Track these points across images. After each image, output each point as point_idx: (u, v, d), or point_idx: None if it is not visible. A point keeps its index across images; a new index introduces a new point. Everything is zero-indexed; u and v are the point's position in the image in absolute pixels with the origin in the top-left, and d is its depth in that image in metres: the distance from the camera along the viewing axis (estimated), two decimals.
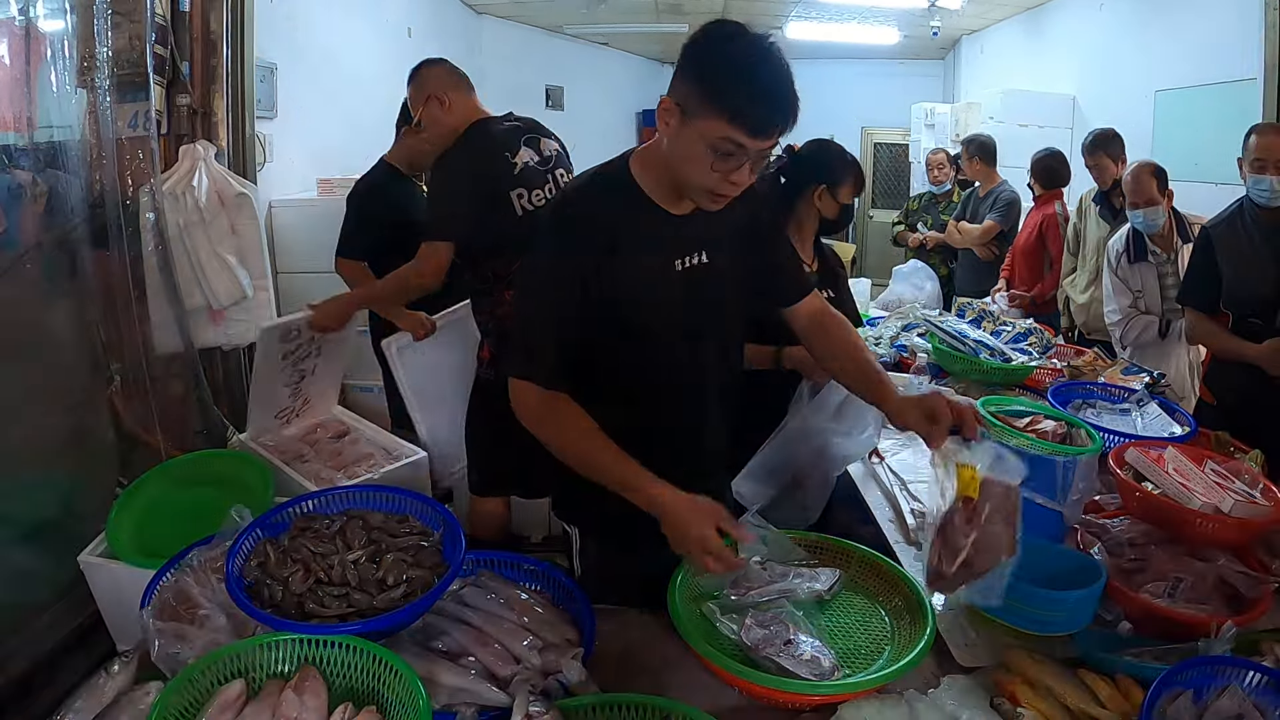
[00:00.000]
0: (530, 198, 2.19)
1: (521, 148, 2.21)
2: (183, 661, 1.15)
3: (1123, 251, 3.05)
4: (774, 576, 1.37)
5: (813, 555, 1.45)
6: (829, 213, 2.10)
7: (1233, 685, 1.09)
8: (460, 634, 1.24)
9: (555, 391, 1.33)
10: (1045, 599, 1.26)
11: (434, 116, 2.25)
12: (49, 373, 2.26)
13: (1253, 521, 1.43)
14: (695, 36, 1.24)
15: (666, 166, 1.30)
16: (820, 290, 1.98)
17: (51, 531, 2.16)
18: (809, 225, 2.13)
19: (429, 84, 2.27)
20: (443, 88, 2.24)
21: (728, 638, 1.25)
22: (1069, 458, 1.51)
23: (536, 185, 2.20)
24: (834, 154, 2.13)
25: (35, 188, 2.22)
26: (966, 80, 8.22)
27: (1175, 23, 4.76)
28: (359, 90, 5.29)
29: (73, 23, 2.29)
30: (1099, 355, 2.85)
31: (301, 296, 3.53)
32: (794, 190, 2.09)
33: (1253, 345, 2.27)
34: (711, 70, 1.19)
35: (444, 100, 2.23)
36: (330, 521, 1.39)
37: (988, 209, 4.29)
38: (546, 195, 2.21)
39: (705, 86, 1.19)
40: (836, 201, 2.09)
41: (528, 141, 2.23)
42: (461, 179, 2.15)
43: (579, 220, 1.34)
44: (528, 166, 2.20)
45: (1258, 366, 2.24)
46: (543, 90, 8.61)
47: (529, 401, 1.34)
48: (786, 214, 2.09)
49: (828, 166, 2.08)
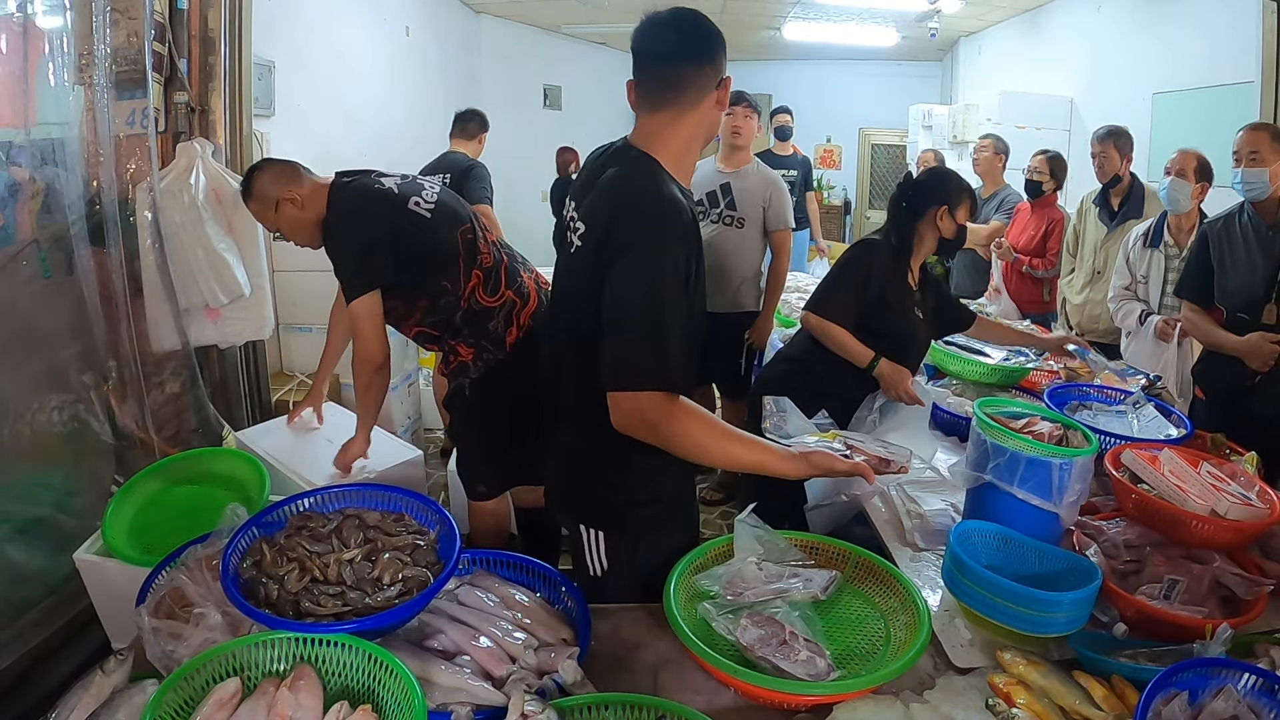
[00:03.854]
0: (424, 197, 2.20)
1: (381, 180, 2.20)
2: (178, 659, 1.15)
3: (1141, 235, 3.10)
4: (770, 577, 1.37)
5: (809, 556, 1.45)
6: (948, 233, 2.27)
7: (1228, 687, 1.09)
8: (456, 633, 1.24)
9: (678, 394, 1.28)
10: (1041, 600, 1.26)
11: (292, 216, 2.16)
12: (45, 370, 2.26)
13: (1248, 524, 1.43)
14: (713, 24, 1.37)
15: (701, 142, 1.41)
16: (924, 300, 2.34)
17: (47, 529, 2.16)
18: (929, 244, 2.31)
19: (270, 190, 2.15)
20: (284, 186, 2.15)
21: (724, 638, 1.25)
22: (1065, 459, 1.51)
23: (416, 192, 2.20)
24: (951, 179, 2.33)
25: (32, 185, 2.22)
26: (964, 82, 8.23)
27: (1173, 25, 4.78)
28: (357, 88, 5.29)
29: (71, 20, 2.28)
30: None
31: (299, 295, 3.54)
32: (917, 212, 2.27)
33: (1234, 337, 2.39)
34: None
35: (294, 198, 2.14)
36: (326, 520, 1.38)
37: (993, 210, 4.30)
38: (435, 192, 2.23)
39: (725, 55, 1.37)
40: (955, 221, 2.27)
41: (378, 175, 2.23)
42: (351, 232, 2.11)
43: (675, 209, 1.31)
44: (399, 185, 2.21)
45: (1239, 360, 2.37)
46: (540, 89, 8.62)
47: (653, 410, 1.26)
48: (909, 233, 2.28)
49: (946, 190, 2.26)
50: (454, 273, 2.20)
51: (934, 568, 1.60)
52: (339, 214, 2.14)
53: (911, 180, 2.34)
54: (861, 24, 7.47)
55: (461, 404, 2.38)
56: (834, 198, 10.06)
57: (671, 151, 1.38)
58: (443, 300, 2.21)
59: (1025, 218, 4.02)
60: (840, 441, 1.45)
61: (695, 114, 1.37)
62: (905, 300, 2.28)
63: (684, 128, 1.38)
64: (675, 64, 1.35)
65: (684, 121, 1.37)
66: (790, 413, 1.63)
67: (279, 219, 2.18)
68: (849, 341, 2.23)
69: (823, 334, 2.27)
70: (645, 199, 1.30)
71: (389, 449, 2.41)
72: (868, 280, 2.24)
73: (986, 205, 4.34)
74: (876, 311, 2.24)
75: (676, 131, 1.38)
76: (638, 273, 1.27)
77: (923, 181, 2.33)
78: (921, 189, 2.29)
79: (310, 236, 2.21)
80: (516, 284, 2.29)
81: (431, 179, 2.31)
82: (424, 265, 2.17)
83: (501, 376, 2.27)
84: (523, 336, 2.27)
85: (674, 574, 1.33)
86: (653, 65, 1.36)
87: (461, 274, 2.20)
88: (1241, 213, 2.46)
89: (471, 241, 2.23)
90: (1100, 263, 3.43)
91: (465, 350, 2.26)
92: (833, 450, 1.40)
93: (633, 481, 1.46)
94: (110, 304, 2.42)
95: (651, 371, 1.26)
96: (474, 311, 2.23)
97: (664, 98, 1.36)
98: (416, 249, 2.15)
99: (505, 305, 2.26)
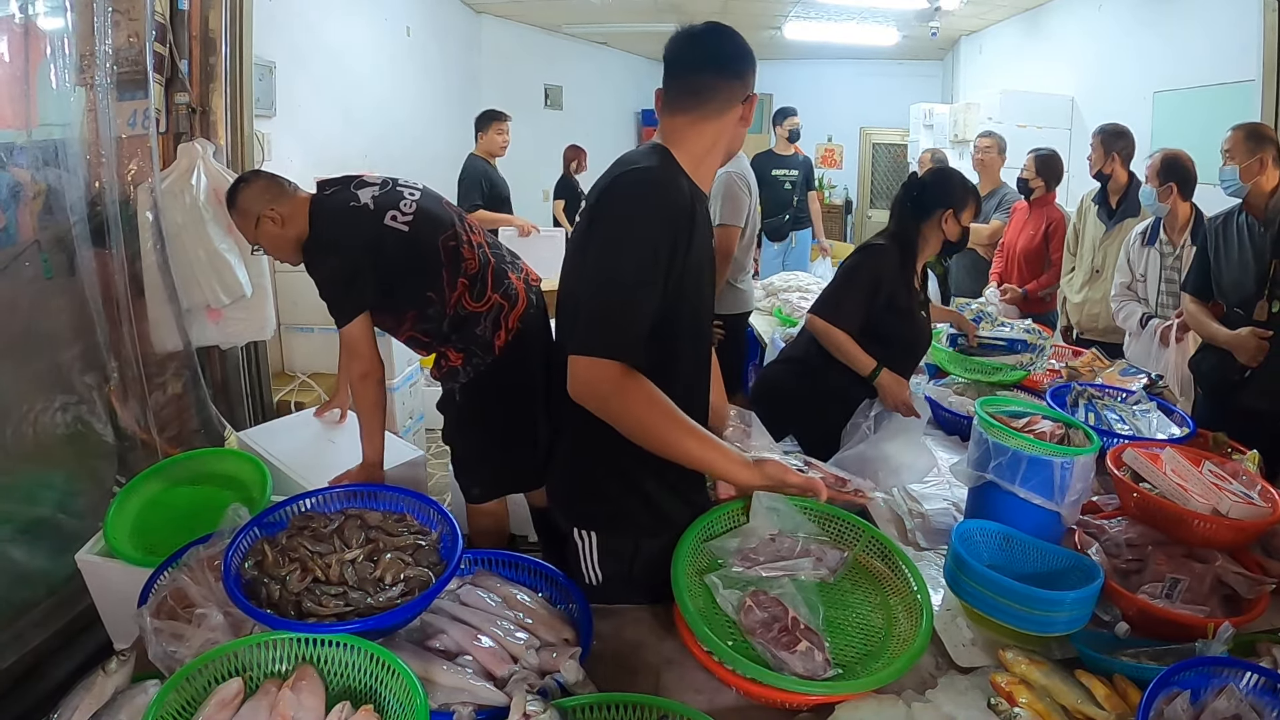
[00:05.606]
0: (402, 209, 2.18)
1: (356, 193, 2.19)
2: (180, 660, 1.15)
3: (1140, 233, 3.13)
4: (782, 552, 1.36)
5: (822, 530, 1.44)
6: (952, 235, 2.27)
7: (1230, 686, 1.09)
8: (457, 633, 1.24)
9: (635, 369, 1.26)
10: (1043, 599, 1.26)
11: (272, 234, 2.16)
12: (47, 371, 2.26)
13: (1250, 523, 1.44)
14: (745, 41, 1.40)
15: (725, 150, 1.43)
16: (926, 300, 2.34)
17: (48, 529, 2.17)
18: (933, 245, 2.31)
19: (252, 204, 2.15)
20: (266, 203, 2.14)
21: (726, 615, 1.25)
22: (1067, 459, 1.51)
23: (394, 205, 2.18)
24: (956, 181, 2.32)
25: (34, 186, 2.22)
26: (965, 81, 8.23)
27: (1174, 24, 4.77)
28: (358, 89, 5.29)
29: (72, 21, 2.29)
30: (1097, 356, 2.86)
31: (300, 295, 3.55)
32: (922, 215, 2.27)
33: (1226, 331, 2.45)
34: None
35: (275, 216, 2.14)
36: (328, 520, 1.38)
37: (993, 209, 4.29)
38: (414, 200, 2.20)
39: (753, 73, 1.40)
40: (959, 224, 2.27)
41: (356, 186, 2.20)
42: (329, 260, 2.10)
43: (664, 190, 1.31)
44: (375, 198, 2.18)
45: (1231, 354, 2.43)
46: (541, 89, 8.62)
47: (605, 379, 1.24)
48: (914, 236, 2.27)
49: (951, 192, 2.26)
50: (438, 282, 2.18)
51: (936, 567, 1.59)
52: (318, 240, 2.13)
53: (917, 181, 2.32)
54: (862, 23, 7.46)
55: (453, 408, 2.38)
56: (835, 197, 10.06)
57: (689, 152, 1.39)
58: (430, 310, 2.20)
59: (1023, 217, 4.00)
60: (799, 459, 1.45)
61: (717, 123, 1.38)
62: (912, 304, 2.28)
63: (705, 133, 1.38)
64: (700, 72, 1.37)
65: (705, 127, 1.38)
66: (755, 429, 1.61)
67: (259, 234, 2.18)
68: (852, 349, 2.23)
69: (826, 338, 2.27)
70: (638, 172, 1.32)
71: (390, 449, 2.41)
72: (877, 287, 2.23)
73: (986, 203, 4.34)
74: (885, 318, 2.23)
75: (697, 134, 1.38)
76: (614, 240, 1.28)
77: (928, 184, 2.31)
78: (927, 191, 2.28)
79: (290, 254, 2.20)
80: (503, 287, 2.27)
81: (412, 184, 2.28)
82: (405, 279, 2.16)
83: (491, 380, 2.25)
84: (512, 339, 2.25)
85: (685, 540, 1.34)
86: (679, 72, 1.38)
87: (446, 282, 2.19)
88: (1239, 211, 2.51)
89: (454, 248, 2.20)
90: (1099, 261, 3.43)
91: (454, 355, 2.24)
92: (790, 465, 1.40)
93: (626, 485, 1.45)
94: (112, 305, 2.43)
95: (610, 340, 1.24)
96: (461, 318, 2.22)
97: (686, 103, 1.38)
98: (395, 264, 2.13)
99: (492, 309, 2.24)
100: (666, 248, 1.27)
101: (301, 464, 2.30)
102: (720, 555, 1.36)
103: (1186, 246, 2.94)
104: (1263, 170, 2.43)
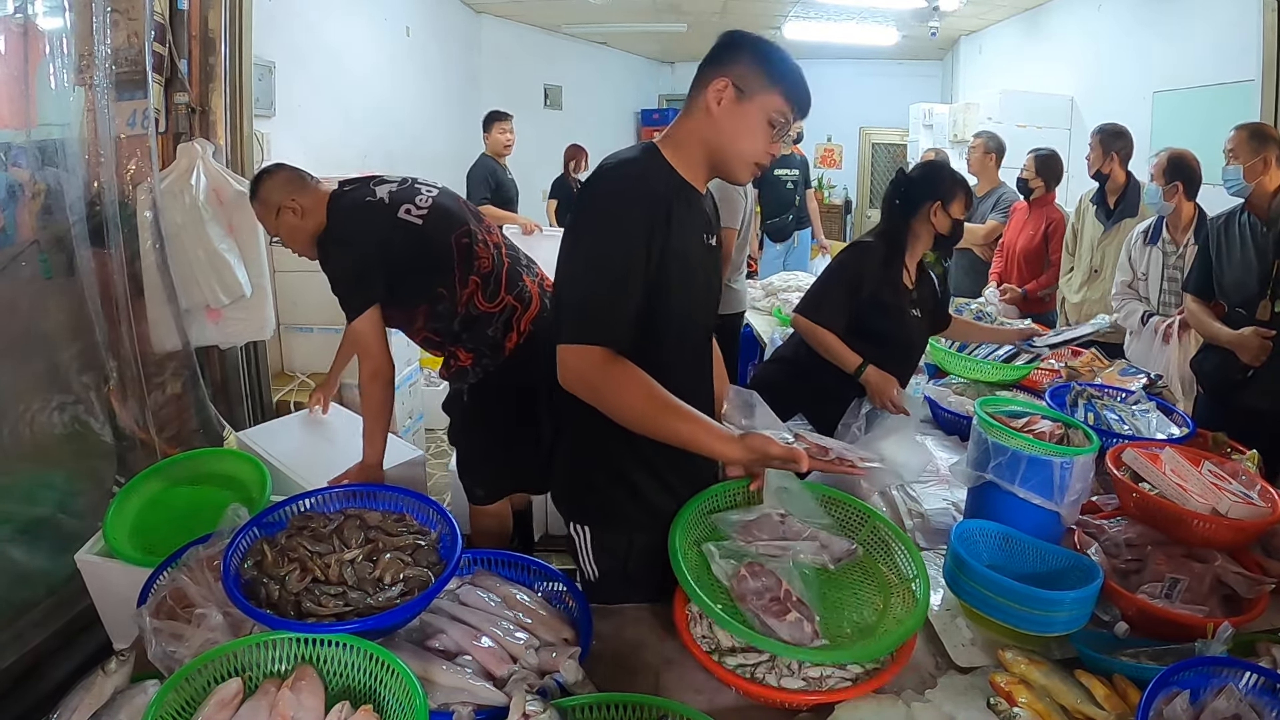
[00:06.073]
0: (417, 204, 2.18)
1: (374, 189, 2.19)
2: (179, 660, 1.14)
3: (1142, 232, 3.13)
4: (788, 534, 1.37)
5: (830, 513, 1.44)
6: (943, 228, 2.23)
7: (1229, 686, 1.09)
8: (457, 633, 1.24)
9: (620, 355, 1.29)
10: (1042, 599, 1.26)
11: (292, 225, 2.18)
12: (46, 371, 2.26)
13: (1250, 523, 1.44)
14: (741, 35, 1.39)
15: (703, 142, 1.40)
16: (921, 299, 2.31)
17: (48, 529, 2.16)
18: (925, 240, 2.27)
19: (274, 195, 2.18)
20: (288, 194, 2.17)
21: (719, 581, 1.25)
22: (1066, 458, 1.51)
23: (409, 199, 2.19)
24: (944, 173, 2.29)
25: (33, 185, 2.22)
26: (965, 81, 8.23)
27: (1174, 24, 4.77)
28: (357, 89, 5.29)
29: (71, 21, 2.29)
30: (1096, 356, 2.86)
31: (300, 295, 3.55)
32: (910, 209, 2.24)
33: (1228, 330, 2.45)
34: (768, 58, 1.37)
35: (295, 208, 2.16)
36: (327, 520, 1.38)
37: (989, 209, 4.29)
38: (431, 196, 2.21)
39: (768, 69, 1.36)
40: (950, 217, 2.22)
41: (375, 184, 2.21)
42: (343, 254, 2.11)
43: (641, 180, 1.35)
44: (391, 193, 2.19)
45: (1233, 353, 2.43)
46: (541, 89, 8.62)
47: (592, 365, 1.28)
48: (904, 232, 2.24)
49: (938, 184, 2.23)
50: (449, 278, 2.18)
51: (935, 567, 1.59)
52: (331, 235, 2.14)
53: (904, 176, 2.31)
54: (862, 23, 7.46)
55: (460, 409, 2.37)
56: (835, 197, 10.06)
57: (672, 140, 1.42)
58: (440, 306, 2.20)
59: (1023, 217, 4.00)
60: (789, 433, 1.46)
61: (696, 113, 1.40)
62: (901, 302, 2.26)
63: (687, 124, 1.41)
64: (699, 70, 1.41)
65: (689, 119, 1.41)
66: (759, 408, 1.60)
67: (279, 225, 2.20)
68: (836, 346, 2.21)
69: (811, 337, 2.26)
70: (616, 166, 1.37)
71: (390, 449, 2.40)
72: (859, 284, 2.21)
73: (982, 204, 4.33)
74: (870, 315, 2.22)
75: (680, 126, 1.42)
76: (592, 231, 1.33)
77: (915, 177, 2.30)
78: (914, 184, 2.26)
79: (306, 247, 2.21)
80: (517, 289, 2.26)
81: (431, 183, 2.30)
82: (416, 272, 2.16)
83: (500, 382, 2.25)
84: (523, 341, 2.24)
85: (687, 508, 1.36)
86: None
87: (457, 279, 2.19)
88: (1242, 210, 2.51)
89: (467, 245, 2.20)
90: (1097, 261, 3.43)
91: (464, 355, 2.24)
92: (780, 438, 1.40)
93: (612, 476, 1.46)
94: (111, 305, 2.43)
95: (592, 327, 1.28)
96: (472, 317, 2.21)
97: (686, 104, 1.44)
98: (406, 257, 2.13)
99: (505, 311, 2.23)
100: (643, 235, 1.30)
101: (301, 464, 2.29)
102: (723, 526, 1.37)
103: (1189, 246, 2.95)
104: (1266, 170, 2.44)
